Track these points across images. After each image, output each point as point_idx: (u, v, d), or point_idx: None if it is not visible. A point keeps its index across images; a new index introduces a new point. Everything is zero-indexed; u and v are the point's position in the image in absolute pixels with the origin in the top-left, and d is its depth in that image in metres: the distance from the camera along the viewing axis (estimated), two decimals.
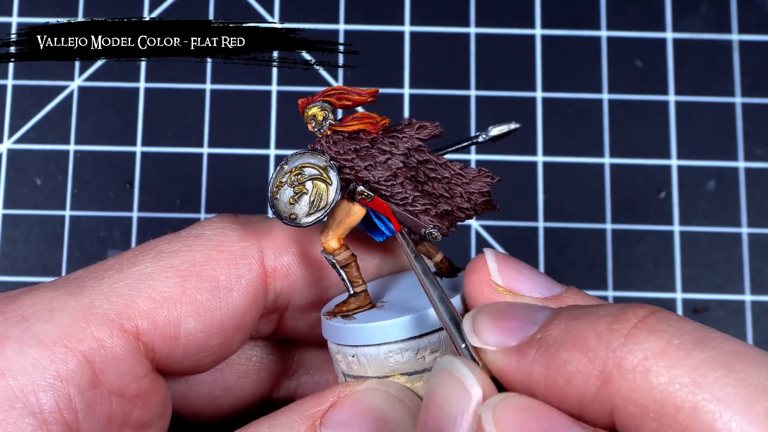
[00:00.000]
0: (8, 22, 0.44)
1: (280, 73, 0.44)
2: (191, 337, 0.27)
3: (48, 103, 0.44)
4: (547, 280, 0.26)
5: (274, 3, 0.44)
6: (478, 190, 0.28)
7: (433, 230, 0.27)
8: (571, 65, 0.44)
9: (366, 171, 0.27)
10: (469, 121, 0.43)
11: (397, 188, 0.27)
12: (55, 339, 0.25)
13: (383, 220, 0.27)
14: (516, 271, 0.26)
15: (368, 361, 0.25)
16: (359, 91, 0.28)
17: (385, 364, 0.25)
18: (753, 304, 0.42)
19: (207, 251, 0.27)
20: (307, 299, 0.29)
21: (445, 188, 0.28)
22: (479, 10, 0.45)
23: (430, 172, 0.28)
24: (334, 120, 0.27)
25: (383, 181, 0.27)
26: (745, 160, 0.43)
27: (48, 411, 0.24)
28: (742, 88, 0.44)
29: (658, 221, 0.42)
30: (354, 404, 0.25)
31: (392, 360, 0.25)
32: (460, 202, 0.28)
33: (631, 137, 0.43)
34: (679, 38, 0.44)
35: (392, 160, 0.27)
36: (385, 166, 0.27)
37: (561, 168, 0.43)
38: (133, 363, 0.26)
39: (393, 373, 0.25)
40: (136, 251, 0.27)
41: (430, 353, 0.25)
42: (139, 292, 0.26)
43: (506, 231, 0.43)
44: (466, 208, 0.28)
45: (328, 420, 0.25)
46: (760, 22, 0.44)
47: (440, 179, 0.28)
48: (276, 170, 0.27)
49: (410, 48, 0.44)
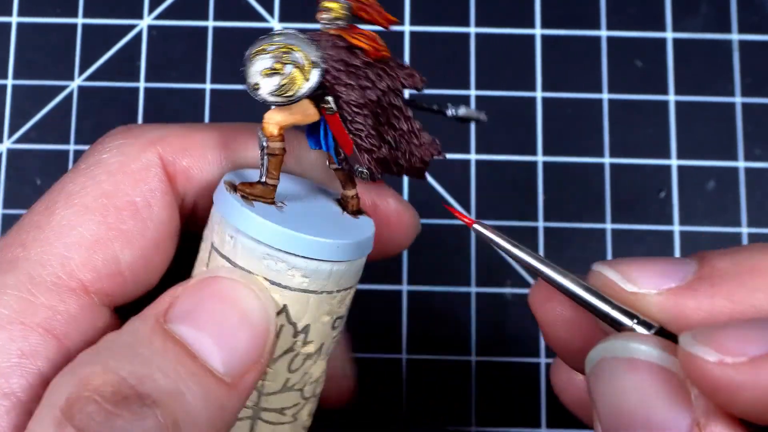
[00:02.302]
0: (8, 22, 0.44)
1: None
2: (134, 267, 0.27)
3: (48, 103, 0.44)
4: (677, 264, 0.23)
5: (274, 3, 0.44)
6: (421, 156, 0.28)
7: (365, 172, 0.27)
8: (571, 65, 0.44)
9: (344, 88, 0.26)
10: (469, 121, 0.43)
11: (359, 118, 0.26)
12: (9, 320, 0.24)
13: (328, 134, 0.27)
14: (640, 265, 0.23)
15: (243, 249, 0.25)
16: (382, 11, 0.27)
17: (256, 261, 0.25)
18: None
19: (113, 177, 0.27)
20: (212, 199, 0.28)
21: (395, 139, 0.28)
22: (479, 10, 0.45)
23: (392, 118, 0.27)
24: (345, 24, 0.27)
25: (353, 106, 0.26)
26: (745, 160, 0.43)
27: (20, 390, 0.24)
28: (742, 88, 0.44)
29: (658, 221, 0.42)
30: (197, 290, 0.24)
31: (265, 262, 0.25)
32: (399, 157, 0.28)
33: (631, 137, 0.43)
34: (679, 38, 0.44)
35: (371, 91, 0.27)
36: (361, 93, 0.26)
37: (561, 168, 0.43)
38: (92, 317, 0.26)
39: (258, 273, 0.25)
40: (45, 201, 0.27)
41: (300, 276, 0.25)
42: (68, 247, 0.26)
43: (506, 231, 0.42)
44: (401, 165, 0.28)
45: (171, 314, 0.24)
46: (760, 22, 0.44)
47: (396, 129, 0.28)
48: (264, 37, 0.26)
49: (410, 48, 0.44)
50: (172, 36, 0.44)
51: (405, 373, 0.41)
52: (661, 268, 0.22)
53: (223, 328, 0.24)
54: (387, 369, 0.41)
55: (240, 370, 0.24)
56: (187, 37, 0.44)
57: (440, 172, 0.43)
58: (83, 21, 0.44)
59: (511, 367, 0.41)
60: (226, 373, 0.24)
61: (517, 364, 0.41)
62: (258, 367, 0.25)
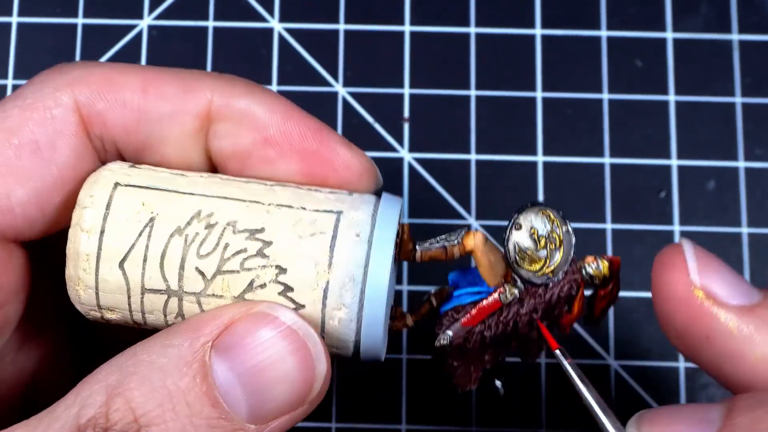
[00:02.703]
0: (8, 22, 0.44)
1: (280, 74, 0.44)
2: (27, 205, 0.26)
3: None
4: (746, 284, 0.25)
5: (274, 3, 0.44)
6: (458, 383, 0.30)
7: (445, 339, 0.28)
8: (571, 65, 0.44)
9: (529, 305, 0.28)
10: (469, 121, 0.43)
11: (503, 327, 0.28)
12: None
13: (482, 292, 0.28)
14: (715, 271, 0.25)
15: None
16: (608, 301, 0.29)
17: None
18: None
19: (22, 112, 0.26)
20: (133, 146, 0.28)
21: (476, 358, 0.29)
22: (479, 10, 0.45)
23: (496, 346, 0.29)
24: (595, 282, 0.29)
25: (521, 318, 0.28)
26: (745, 160, 0.43)
27: None
28: (742, 88, 0.44)
29: (658, 221, 0.42)
30: (252, 325, 0.24)
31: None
32: (460, 366, 0.29)
33: (631, 137, 0.43)
34: (679, 38, 0.44)
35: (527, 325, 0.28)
36: (528, 319, 0.28)
37: (561, 168, 0.43)
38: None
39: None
40: None
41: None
42: None
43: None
44: (455, 368, 0.29)
45: (219, 342, 0.24)
46: (760, 22, 0.44)
47: (482, 358, 0.30)
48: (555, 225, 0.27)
49: (410, 48, 0.44)
50: (172, 36, 0.44)
51: (405, 374, 0.41)
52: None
53: (262, 380, 0.24)
54: (387, 369, 0.41)
55: (265, 420, 0.24)
56: (187, 37, 0.44)
57: (440, 172, 0.43)
58: (83, 21, 0.44)
59: (511, 368, 0.41)
60: (250, 423, 0.23)
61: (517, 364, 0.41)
62: (289, 420, 0.24)
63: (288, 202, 0.26)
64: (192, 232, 0.25)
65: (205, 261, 0.25)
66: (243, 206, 0.25)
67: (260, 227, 0.25)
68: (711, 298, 0.24)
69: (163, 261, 0.25)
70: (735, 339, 0.24)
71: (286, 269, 0.25)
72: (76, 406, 0.23)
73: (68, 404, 0.23)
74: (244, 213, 0.25)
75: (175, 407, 0.23)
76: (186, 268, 0.25)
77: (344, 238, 0.25)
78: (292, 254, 0.25)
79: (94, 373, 0.24)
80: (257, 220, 0.25)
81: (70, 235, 0.26)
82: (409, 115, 0.43)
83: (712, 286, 0.25)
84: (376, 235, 0.25)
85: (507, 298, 0.27)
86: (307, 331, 0.24)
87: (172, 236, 0.25)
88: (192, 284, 0.25)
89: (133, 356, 0.24)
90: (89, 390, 0.23)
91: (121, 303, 0.26)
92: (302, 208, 0.25)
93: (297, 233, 0.25)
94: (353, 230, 0.25)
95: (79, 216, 0.26)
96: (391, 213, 0.26)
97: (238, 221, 0.25)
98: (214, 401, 0.23)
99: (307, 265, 0.25)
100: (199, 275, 0.25)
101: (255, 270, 0.25)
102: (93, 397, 0.23)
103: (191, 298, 0.25)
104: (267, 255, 0.25)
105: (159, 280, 0.25)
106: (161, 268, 0.25)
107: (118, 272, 0.25)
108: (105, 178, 0.26)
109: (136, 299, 0.26)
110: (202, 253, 0.25)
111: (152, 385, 0.23)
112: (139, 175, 0.26)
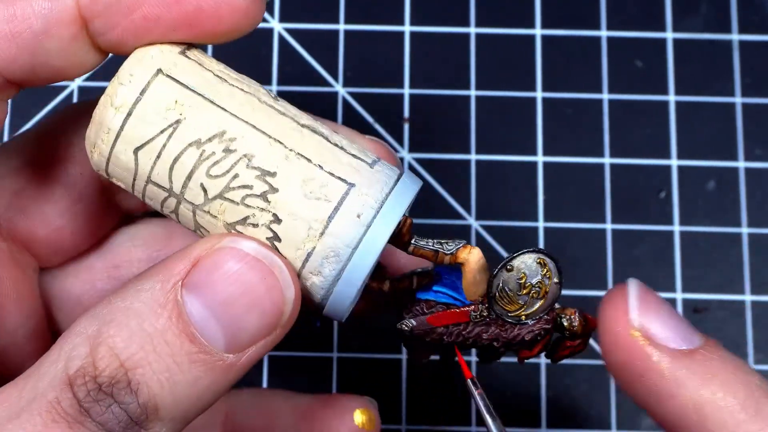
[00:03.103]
0: None
1: (280, 75, 0.44)
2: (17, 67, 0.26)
3: (49, 103, 0.44)
4: (688, 328, 0.26)
5: (274, 3, 0.44)
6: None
7: (407, 326, 0.29)
8: (571, 65, 0.44)
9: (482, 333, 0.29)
10: (469, 121, 0.43)
11: (478, 331, 0.29)
12: None
13: (459, 292, 0.28)
14: (656, 313, 0.26)
15: None
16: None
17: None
18: (753, 304, 0.42)
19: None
20: (20, 72, 0.27)
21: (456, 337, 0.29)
22: (479, 10, 0.45)
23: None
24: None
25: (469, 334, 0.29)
26: (745, 160, 0.43)
27: None
28: (742, 88, 0.44)
29: (658, 221, 0.42)
30: (218, 259, 0.25)
31: None
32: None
33: (631, 137, 0.43)
34: (679, 38, 0.44)
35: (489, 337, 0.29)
36: (480, 335, 0.29)
37: (561, 168, 0.43)
38: None
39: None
40: None
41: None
42: None
43: (506, 231, 0.43)
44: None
45: (189, 280, 0.24)
46: (760, 22, 0.44)
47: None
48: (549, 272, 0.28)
49: (410, 48, 0.44)
50: None
51: (405, 373, 0.41)
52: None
53: (234, 311, 0.24)
54: (387, 369, 0.41)
55: (242, 348, 0.25)
56: None
57: (440, 172, 0.43)
58: None
59: (511, 367, 0.41)
60: (228, 352, 0.24)
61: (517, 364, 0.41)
62: (264, 345, 0.25)
63: (308, 154, 0.26)
64: (210, 149, 0.25)
65: (212, 181, 0.25)
66: (265, 142, 0.25)
67: (273, 171, 0.25)
68: (648, 339, 0.25)
69: (174, 164, 0.25)
70: (666, 380, 0.25)
71: (281, 221, 0.25)
72: (61, 360, 0.24)
73: (52, 360, 0.24)
74: (263, 150, 0.25)
75: (156, 348, 0.24)
76: (192, 179, 0.25)
77: (345, 214, 0.25)
78: (292, 210, 0.25)
79: (72, 326, 0.25)
80: (273, 162, 0.25)
81: (100, 101, 0.26)
82: (409, 115, 0.43)
83: (650, 326, 0.26)
84: (375, 223, 0.25)
85: (476, 318, 0.28)
86: (272, 260, 0.25)
87: (191, 145, 0.25)
88: (193, 196, 0.26)
89: (109, 304, 0.25)
90: (71, 343, 0.24)
91: (126, 180, 0.26)
92: (319, 166, 0.25)
93: (304, 191, 0.25)
94: (357, 209, 0.25)
95: (113, 90, 0.26)
96: (399, 203, 0.26)
97: (255, 156, 0.25)
98: (192, 337, 0.24)
99: (301, 225, 0.25)
100: (202, 191, 0.25)
101: (253, 209, 0.25)
102: (77, 349, 0.24)
103: (188, 206, 0.26)
104: (269, 200, 0.25)
105: (165, 179, 0.26)
106: (170, 170, 0.26)
107: (131, 156, 0.26)
108: (151, 59, 0.26)
109: (140, 184, 0.26)
110: (211, 174, 0.25)
111: (131, 329, 0.24)
112: (183, 69, 0.26)
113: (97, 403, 0.23)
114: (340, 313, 0.27)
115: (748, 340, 0.41)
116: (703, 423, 0.25)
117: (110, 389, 0.23)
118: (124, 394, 0.23)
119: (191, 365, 0.24)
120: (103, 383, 0.23)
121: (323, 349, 0.41)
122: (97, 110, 0.26)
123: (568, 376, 0.41)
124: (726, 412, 0.25)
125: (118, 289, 0.25)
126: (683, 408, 0.25)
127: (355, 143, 0.27)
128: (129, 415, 0.23)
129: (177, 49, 0.27)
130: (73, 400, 0.23)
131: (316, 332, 0.41)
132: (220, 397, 0.25)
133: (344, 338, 0.41)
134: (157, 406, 0.24)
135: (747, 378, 0.25)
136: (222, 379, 0.25)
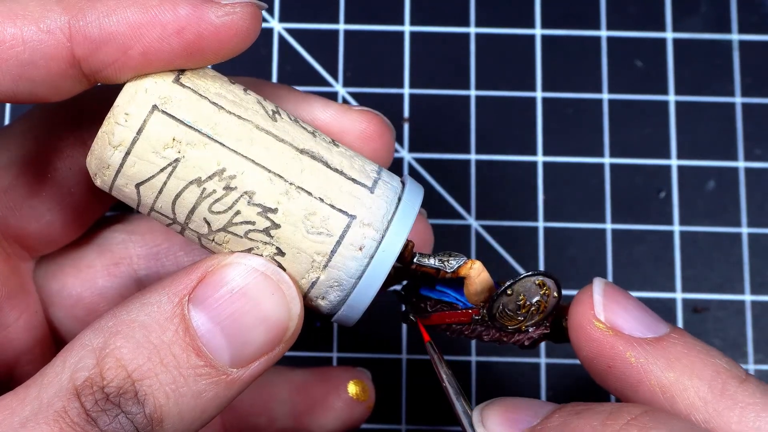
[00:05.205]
0: None
1: (280, 74, 0.44)
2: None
3: None
4: (653, 319, 0.27)
5: (274, 3, 0.44)
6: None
7: (410, 318, 0.30)
8: (571, 65, 0.44)
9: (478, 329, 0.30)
10: (469, 121, 0.43)
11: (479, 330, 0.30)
12: None
13: (459, 297, 0.29)
14: (622, 306, 0.27)
15: None
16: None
17: None
18: (753, 304, 0.42)
19: None
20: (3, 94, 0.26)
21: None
22: (479, 10, 0.45)
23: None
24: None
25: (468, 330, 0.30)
26: (745, 160, 0.43)
27: None
28: (742, 88, 0.44)
29: (658, 221, 0.42)
30: (226, 275, 0.25)
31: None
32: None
33: (631, 137, 0.43)
34: (679, 38, 0.44)
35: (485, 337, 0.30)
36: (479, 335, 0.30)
37: (561, 168, 0.43)
38: None
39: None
40: None
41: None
42: None
43: (506, 231, 0.43)
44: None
45: (196, 295, 0.25)
46: (760, 22, 0.44)
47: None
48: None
49: (410, 48, 0.44)
50: None
51: (405, 374, 0.41)
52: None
53: (240, 325, 0.25)
54: (387, 369, 0.41)
55: (247, 362, 0.25)
56: None
57: (440, 172, 0.43)
58: None
59: (511, 368, 0.41)
60: (233, 367, 0.25)
61: (517, 364, 0.41)
62: (267, 360, 0.25)
63: (309, 187, 0.26)
64: (210, 187, 0.25)
65: (215, 216, 0.26)
66: (265, 178, 0.25)
67: (274, 207, 0.25)
68: (614, 331, 0.27)
69: (176, 200, 0.26)
70: (633, 367, 0.26)
71: (284, 254, 0.26)
72: (67, 371, 0.24)
73: (57, 371, 0.24)
74: (264, 186, 0.25)
75: (163, 360, 0.24)
76: (195, 214, 0.26)
77: (347, 247, 0.26)
78: (295, 245, 0.26)
79: (77, 339, 0.25)
80: (274, 198, 0.25)
81: (98, 137, 0.26)
82: (409, 115, 0.43)
83: (616, 319, 0.27)
84: (378, 254, 0.26)
85: (477, 321, 0.29)
86: (279, 276, 0.25)
87: (191, 183, 0.25)
88: (197, 227, 0.26)
89: (114, 317, 0.25)
90: (77, 355, 0.24)
91: (131, 203, 0.27)
92: (320, 199, 0.26)
93: (306, 227, 0.25)
94: (359, 242, 0.26)
95: (110, 129, 0.25)
96: (402, 229, 0.26)
97: (256, 193, 0.25)
98: (198, 351, 0.24)
99: (304, 259, 0.26)
100: (206, 224, 0.26)
101: (257, 242, 0.26)
102: (83, 361, 0.24)
103: (193, 234, 0.26)
104: (272, 235, 0.26)
105: (168, 211, 0.26)
106: (173, 204, 0.26)
107: (134, 189, 0.26)
108: (145, 93, 0.25)
109: (145, 210, 0.26)
110: (213, 210, 0.26)
111: (137, 341, 0.24)
112: (179, 103, 0.25)
113: (105, 412, 0.23)
114: (349, 324, 0.27)
115: (748, 340, 0.41)
116: (672, 405, 0.26)
117: (117, 399, 0.23)
118: (131, 404, 0.24)
119: (197, 378, 0.24)
120: (110, 393, 0.23)
121: (323, 348, 0.41)
122: (95, 145, 0.26)
123: (568, 376, 0.41)
124: (692, 392, 0.25)
125: (122, 303, 0.25)
126: (652, 393, 0.26)
127: (355, 159, 0.27)
128: (135, 425, 0.24)
129: (171, 77, 0.26)
130: (81, 410, 0.23)
131: (316, 332, 0.41)
132: (223, 409, 0.25)
133: (344, 338, 0.41)
134: (162, 416, 0.24)
135: (713, 361, 0.26)
136: (226, 393, 0.25)
